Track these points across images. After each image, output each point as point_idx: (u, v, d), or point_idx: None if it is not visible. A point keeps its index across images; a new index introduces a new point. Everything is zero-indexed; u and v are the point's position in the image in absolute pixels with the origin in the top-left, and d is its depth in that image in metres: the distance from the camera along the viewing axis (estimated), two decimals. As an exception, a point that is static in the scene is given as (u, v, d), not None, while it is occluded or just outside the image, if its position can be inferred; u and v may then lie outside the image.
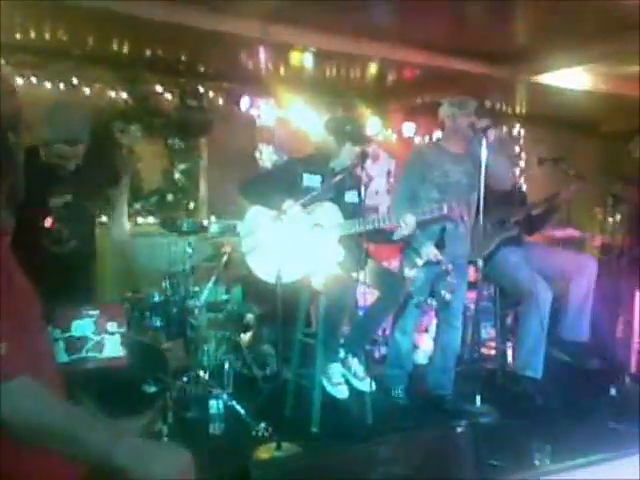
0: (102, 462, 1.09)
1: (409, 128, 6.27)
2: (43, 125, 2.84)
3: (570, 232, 5.59)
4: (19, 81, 4.54)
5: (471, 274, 4.01)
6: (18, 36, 4.22)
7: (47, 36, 4.29)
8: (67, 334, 1.38)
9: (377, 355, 4.59)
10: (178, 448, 1.18)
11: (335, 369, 3.33)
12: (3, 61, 4.38)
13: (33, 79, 4.64)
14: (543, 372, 3.87)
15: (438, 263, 3.52)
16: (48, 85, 4.73)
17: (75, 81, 4.82)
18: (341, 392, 3.34)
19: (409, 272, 3.61)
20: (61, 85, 4.76)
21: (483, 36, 4.27)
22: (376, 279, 3.45)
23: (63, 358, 1.37)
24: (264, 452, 3.04)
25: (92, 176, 3.02)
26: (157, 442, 1.19)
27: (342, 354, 3.38)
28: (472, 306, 4.34)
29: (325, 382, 3.32)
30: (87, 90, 4.88)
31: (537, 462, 2.04)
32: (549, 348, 4.02)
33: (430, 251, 3.51)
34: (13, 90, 1.38)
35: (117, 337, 1.44)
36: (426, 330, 4.84)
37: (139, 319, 3.55)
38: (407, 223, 3.29)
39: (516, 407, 3.66)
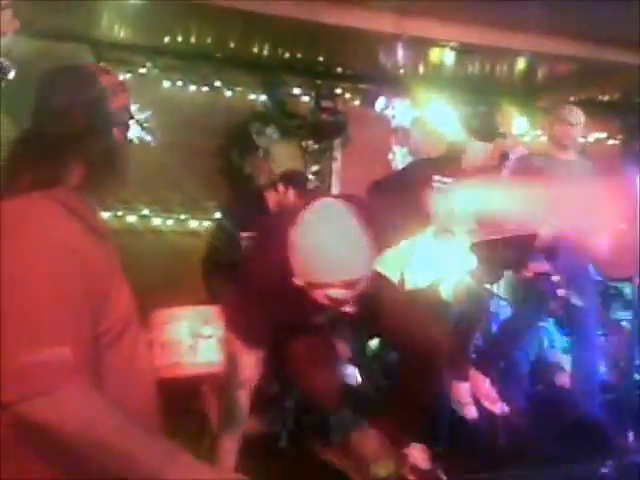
0: None
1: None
2: None
3: None
4: (166, 84, 4.79)
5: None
6: (166, 40, 4.44)
7: (192, 39, 4.47)
8: (161, 336, 1.32)
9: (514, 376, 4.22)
10: (238, 475, 1.14)
11: (463, 388, 3.09)
12: (150, 64, 4.63)
13: (179, 82, 4.86)
14: None
15: (549, 275, 3.15)
16: (193, 88, 4.94)
17: (217, 84, 4.99)
18: (470, 412, 3.10)
19: None
20: (204, 88, 4.95)
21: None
22: (513, 292, 3.16)
23: (159, 362, 1.31)
24: (382, 469, 2.88)
25: None
26: (213, 465, 1.12)
27: (472, 372, 3.13)
28: (627, 325, 3.87)
29: (452, 400, 3.10)
30: (228, 93, 5.03)
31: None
32: None
33: (539, 264, 3.15)
34: (122, 87, 1.35)
35: (213, 341, 1.36)
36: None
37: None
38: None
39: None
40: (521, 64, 4.64)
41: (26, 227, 1.12)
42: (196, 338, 1.32)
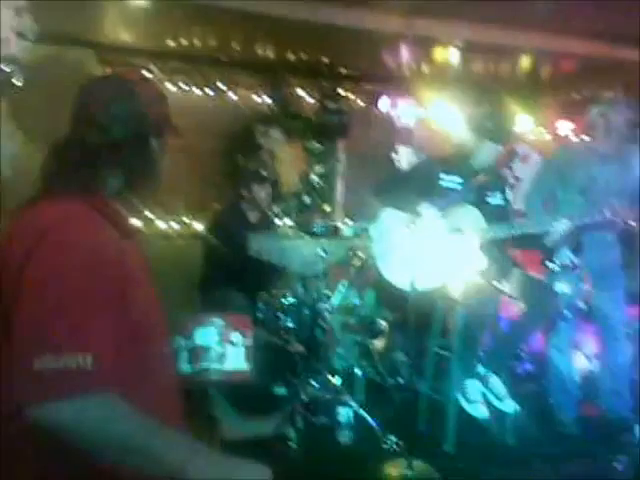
0: (176, 478, 1.04)
1: (564, 126, 5.76)
2: None
3: None
4: (170, 88, 4.78)
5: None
6: (170, 43, 4.44)
7: (196, 42, 4.48)
8: (190, 342, 1.33)
9: (521, 373, 4.22)
10: (257, 465, 1.12)
11: (473, 386, 3.10)
12: (154, 68, 4.62)
13: (183, 85, 4.86)
14: None
15: (575, 269, 3.14)
16: (197, 91, 4.94)
17: (221, 86, 4.99)
18: (479, 411, 3.10)
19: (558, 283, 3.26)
20: (208, 90, 4.95)
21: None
22: (522, 290, 3.17)
23: (185, 368, 1.32)
24: (393, 468, 2.89)
25: None
26: (236, 458, 1.13)
27: (482, 371, 3.14)
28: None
29: (461, 399, 3.11)
30: (232, 95, 5.03)
31: None
32: None
33: (565, 255, 3.14)
34: (161, 96, 1.35)
35: (241, 349, 1.37)
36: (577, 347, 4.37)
37: (271, 320, 3.55)
38: (559, 228, 2.97)
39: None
40: (525, 62, 4.65)
41: (58, 233, 1.12)
42: (225, 345, 1.33)
